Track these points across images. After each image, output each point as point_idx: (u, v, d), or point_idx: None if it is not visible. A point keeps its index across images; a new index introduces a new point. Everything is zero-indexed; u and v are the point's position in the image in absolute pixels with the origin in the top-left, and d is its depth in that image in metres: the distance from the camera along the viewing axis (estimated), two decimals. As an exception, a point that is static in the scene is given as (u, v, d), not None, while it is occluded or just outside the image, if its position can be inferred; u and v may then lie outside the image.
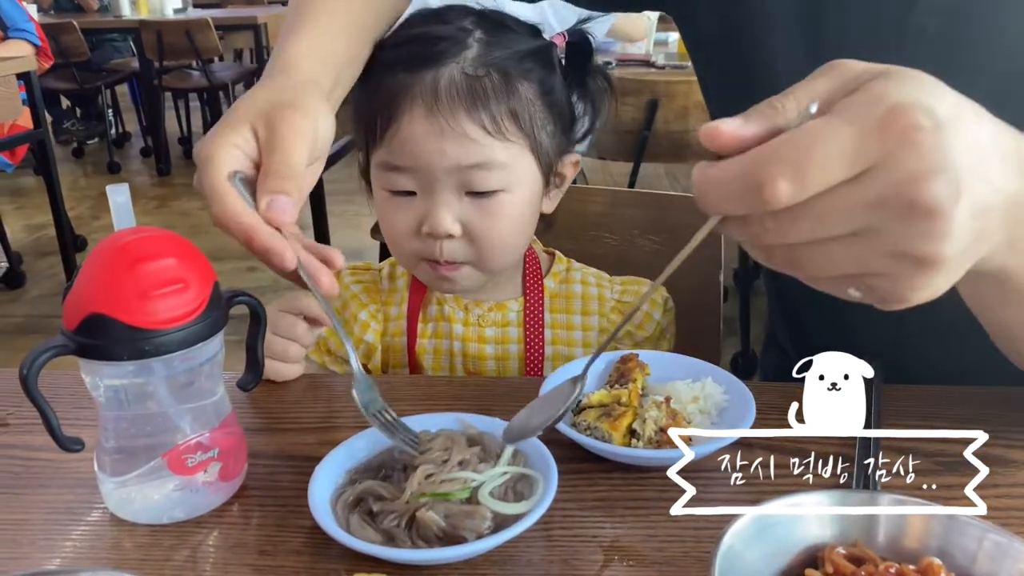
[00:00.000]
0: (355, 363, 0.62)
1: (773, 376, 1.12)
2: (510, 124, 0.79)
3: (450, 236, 0.80)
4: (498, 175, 0.79)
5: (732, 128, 0.42)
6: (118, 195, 0.57)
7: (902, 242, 0.40)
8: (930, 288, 0.42)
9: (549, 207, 0.89)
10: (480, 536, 0.54)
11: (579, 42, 0.88)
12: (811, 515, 0.48)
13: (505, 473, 0.58)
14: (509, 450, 0.59)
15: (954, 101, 0.41)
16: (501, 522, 0.55)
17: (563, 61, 0.87)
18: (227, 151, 0.59)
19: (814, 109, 0.41)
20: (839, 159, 0.39)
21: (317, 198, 2.60)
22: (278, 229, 0.56)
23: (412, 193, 0.81)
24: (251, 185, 0.58)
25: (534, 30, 0.86)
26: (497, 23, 0.83)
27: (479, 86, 0.78)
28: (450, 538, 0.54)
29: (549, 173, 0.86)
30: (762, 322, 1.95)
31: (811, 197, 0.40)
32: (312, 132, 0.60)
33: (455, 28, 0.80)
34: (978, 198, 0.40)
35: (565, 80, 0.86)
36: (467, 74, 0.78)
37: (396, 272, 0.96)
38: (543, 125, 0.82)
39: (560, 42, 0.86)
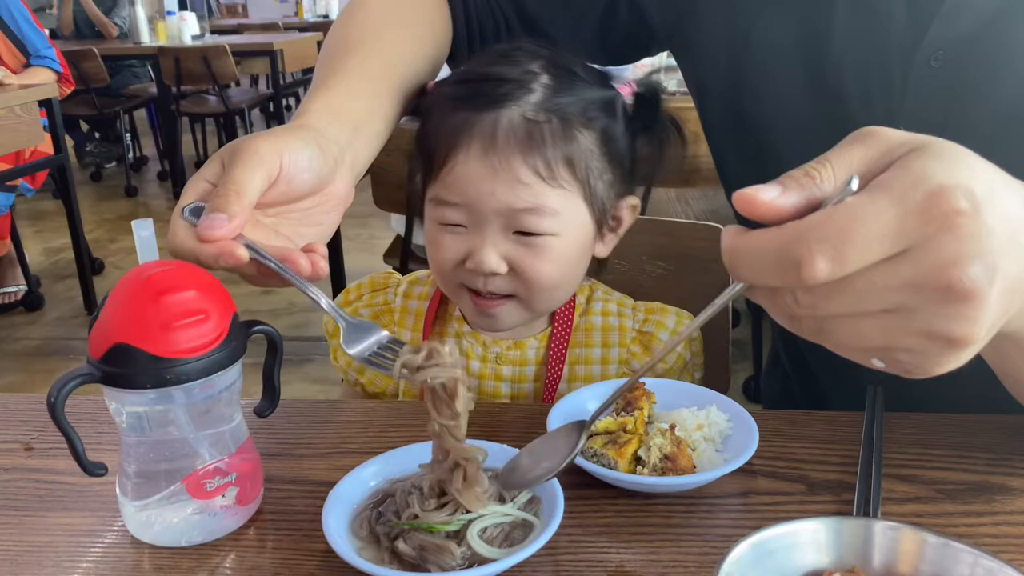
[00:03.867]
0: (331, 310, 0.62)
1: (775, 397, 1.13)
2: (565, 171, 0.79)
3: (494, 274, 0.81)
4: (548, 220, 0.79)
5: (769, 198, 0.41)
6: (143, 229, 0.59)
7: (935, 322, 0.40)
8: (956, 363, 0.43)
9: (603, 251, 0.88)
10: (444, 571, 0.55)
11: (647, 92, 0.86)
12: (809, 541, 0.49)
13: (507, 515, 0.59)
14: (526, 495, 0.61)
15: (987, 177, 0.41)
16: (483, 560, 0.56)
17: (628, 110, 0.86)
18: (196, 185, 0.63)
19: (855, 185, 0.40)
20: (880, 239, 0.39)
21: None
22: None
23: (462, 225, 0.82)
24: None
25: (603, 78, 0.85)
26: (565, 69, 0.82)
27: (537, 131, 0.78)
28: (420, 568, 0.56)
29: (603, 219, 0.85)
30: (772, 346, 1.96)
31: (846, 275, 0.40)
32: (273, 156, 0.62)
33: (522, 71, 0.80)
34: (1009, 276, 0.40)
35: (630, 128, 0.85)
36: (527, 118, 0.78)
37: (412, 292, 0.95)
38: (600, 174, 0.82)
39: (627, 92, 0.85)
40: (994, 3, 0.72)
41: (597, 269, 0.91)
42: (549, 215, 0.79)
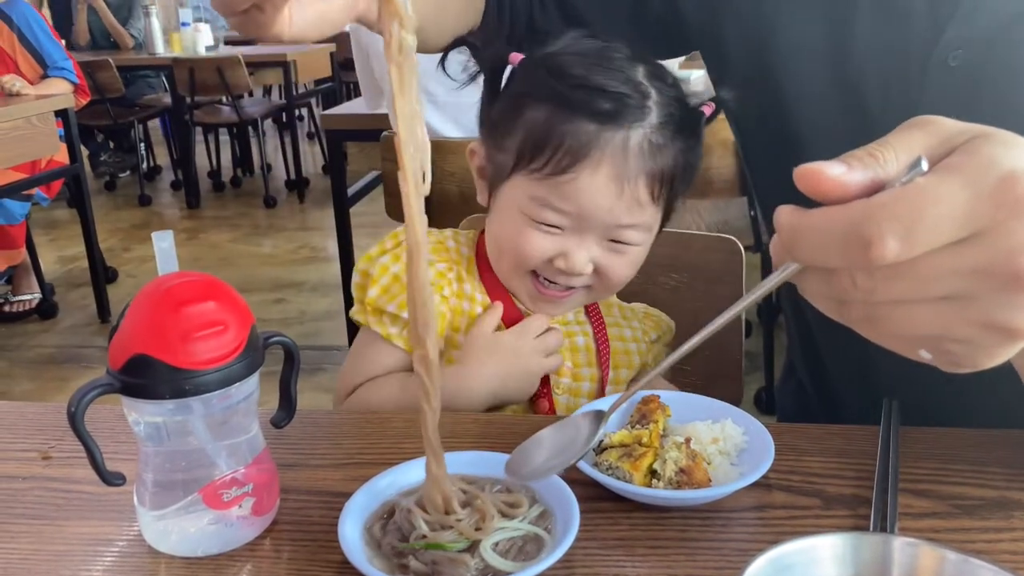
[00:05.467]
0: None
1: (789, 409, 1.13)
2: (667, 191, 0.84)
3: (580, 274, 0.85)
4: (643, 233, 0.85)
5: (836, 174, 0.40)
6: (162, 241, 0.60)
7: (996, 312, 0.40)
8: (1006, 356, 0.42)
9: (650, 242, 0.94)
10: None
11: (716, 112, 0.90)
12: (827, 556, 0.49)
13: (518, 529, 0.59)
14: (537, 509, 0.61)
15: None
16: (498, 573, 0.56)
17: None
18: None
19: (925, 166, 0.39)
20: (951, 222, 0.38)
21: (343, 230, 2.65)
22: None
23: (558, 227, 0.84)
24: None
25: (680, 90, 0.87)
26: (666, 83, 0.84)
27: (660, 156, 0.81)
28: None
29: (668, 220, 0.91)
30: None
31: (912, 258, 0.38)
32: None
33: (634, 86, 0.81)
34: None
35: (699, 142, 0.89)
36: (652, 142, 0.81)
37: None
38: (680, 187, 0.87)
39: (708, 111, 0.88)
40: (1012, 5, 0.73)
41: None
42: (644, 229, 0.85)
